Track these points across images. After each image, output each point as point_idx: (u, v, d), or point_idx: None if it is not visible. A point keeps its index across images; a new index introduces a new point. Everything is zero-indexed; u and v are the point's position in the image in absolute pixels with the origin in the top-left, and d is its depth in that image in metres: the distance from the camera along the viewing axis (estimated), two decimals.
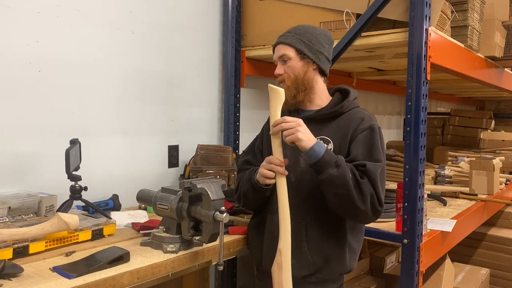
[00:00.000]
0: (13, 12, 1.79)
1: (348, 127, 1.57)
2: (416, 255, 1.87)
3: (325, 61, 1.62)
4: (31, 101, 1.86)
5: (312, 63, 1.59)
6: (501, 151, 3.95)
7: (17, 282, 1.18)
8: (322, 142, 1.54)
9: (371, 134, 1.54)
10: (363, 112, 1.62)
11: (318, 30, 1.63)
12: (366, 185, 1.45)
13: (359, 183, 1.44)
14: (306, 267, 1.57)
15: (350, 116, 1.59)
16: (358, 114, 1.59)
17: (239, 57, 2.69)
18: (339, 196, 1.46)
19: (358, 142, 1.53)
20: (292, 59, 1.59)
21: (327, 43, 1.62)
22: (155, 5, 2.33)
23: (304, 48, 1.58)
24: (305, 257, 1.56)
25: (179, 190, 1.50)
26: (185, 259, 1.47)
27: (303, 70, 1.59)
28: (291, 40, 1.59)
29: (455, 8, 2.37)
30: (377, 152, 1.51)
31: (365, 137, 1.53)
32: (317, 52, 1.59)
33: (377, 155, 1.51)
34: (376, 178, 1.46)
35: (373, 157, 1.50)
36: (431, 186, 3.05)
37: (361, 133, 1.54)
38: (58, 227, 1.41)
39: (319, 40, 1.60)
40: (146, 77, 2.31)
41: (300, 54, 1.58)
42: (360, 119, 1.57)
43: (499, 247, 3.43)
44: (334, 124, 1.59)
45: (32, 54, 1.85)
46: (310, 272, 1.57)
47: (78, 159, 1.74)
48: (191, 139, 2.54)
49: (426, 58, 1.87)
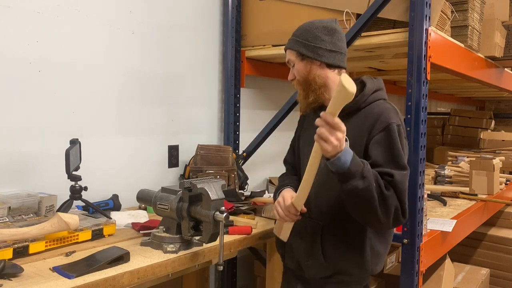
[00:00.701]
0: (13, 12, 1.79)
1: (365, 125, 1.47)
2: (416, 255, 1.87)
3: (327, 54, 1.52)
4: (31, 101, 1.86)
5: (314, 60, 1.53)
6: (501, 151, 3.95)
7: (17, 282, 1.18)
8: None
9: (389, 135, 1.43)
10: (382, 106, 1.50)
11: (317, 24, 1.54)
12: (391, 198, 1.36)
13: (385, 196, 1.35)
14: (322, 269, 1.53)
15: (368, 111, 1.50)
16: (377, 109, 1.49)
17: (239, 57, 2.69)
18: (361, 208, 1.39)
19: (377, 145, 1.44)
20: (296, 62, 1.56)
21: (327, 35, 1.52)
22: (155, 5, 2.33)
23: (301, 49, 1.54)
24: (319, 259, 1.53)
25: (179, 190, 1.50)
26: (185, 259, 1.47)
27: (306, 70, 1.54)
28: (291, 44, 1.57)
29: (455, 8, 2.37)
30: (400, 157, 1.41)
31: (383, 139, 1.43)
32: (315, 48, 1.52)
33: (401, 161, 1.41)
34: (403, 190, 1.38)
35: (398, 164, 1.40)
36: (431, 186, 3.05)
37: (378, 133, 1.44)
38: (58, 227, 1.41)
39: (316, 34, 1.52)
40: (146, 77, 2.31)
41: (300, 55, 1.54)
42: (377, 115, 1.46)
43: (499, 247, 3.43)
44: (352, 120, 1.50)
45: (32, 54, 1.85)
46: (327, 274, 1.53)
47: (78, 159, 1.74)
48: (191, 139, 2.54)
49: (426, 58, 1.87)
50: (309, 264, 1.56)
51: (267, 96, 3.08)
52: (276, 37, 2.53)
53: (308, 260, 1.56)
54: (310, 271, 1.57)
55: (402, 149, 1.44)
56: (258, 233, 1.80)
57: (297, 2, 2.41)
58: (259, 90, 3.01)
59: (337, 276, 1.53)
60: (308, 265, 1.57)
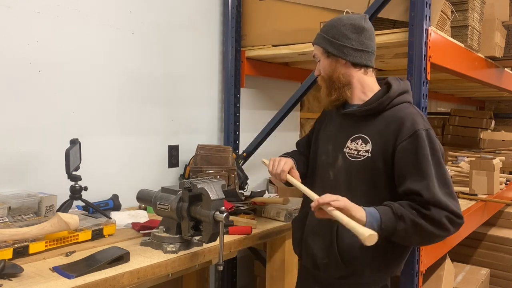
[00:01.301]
0: (13, 12, 1.79)
1: (389, 128, 1.42)
2: (416, 255, 1.87)
3: (354, 53, 1.48)
4: (31, 101, 1.86)
5: (339, 58, 1.49)
6: (501, 151, 3.95)
7: (17, 282, 1.18)
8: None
9: (417, 143, 1.37)
10: (406, 110, 1.44)
11: (345, 21, 1.49)
12: (435, 213, 1.31)
13: (427, 216, 1.31)
14: (338, 269, 1.48)
15: (392, 114, 1.44)
16: (400, 113, 1.43)
17: (239, 57, 2.69)
18: (420, 239, 1.38)
19: (403, 154, 1.38)
20: (322, 58, 1.53)
21: (354, 32, 1.47)
22: (155, 5, 2.33)
23: (327, 46, 1.50)
24: (335, 259, 1.47)
25: (179, 190, 1.50)
26: (185, 259, 1.47)
27: (331, 68, 1.50)
28: (317, 39, 1.54)
29: (455, 8, 2.37)
30: (427, 165, 1.35)
31: (410, 147, 1.37)
32: (341, 47, 1.47)
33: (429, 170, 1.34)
34: (438, 198, 1.31)
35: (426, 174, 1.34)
36: None
37: (404, 141, 1.38)
38: (58, 227, 1.41)
39: (343, 32, 1.48)
40: (146, 77, 2.31)
41: (326, 52, 1.51)
42: (400, 120, 1.41)
43: (499, 247, 3.43)
44: (376, 122, 1.45)
45: (32, 54, 1.85)
46: (343, 274, 1.48)
47: (78, 159, 1.74)
48: (191, 139, 2.54)
49: (426, 58, 1.87)
50: (326, 263, 1.50)
51: (267, 96, 3.08)
52: (276, 37, 2.53)
53: (325, 258, 1.50)
54: (326, 271, 1.52)
55: (435, 153, 1.38)
56: (258, 233, 1.80)
57: (297, 2, 2.41)
58: (259, 90, 3.01)
59: (353, 278, 1.48)
60: (324, 263, 1.51)
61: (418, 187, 1.33)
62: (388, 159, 1.41)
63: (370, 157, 1.43)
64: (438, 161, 1.37)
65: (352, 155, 1.47)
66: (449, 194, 1.35)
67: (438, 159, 1.37)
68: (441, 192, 1.33)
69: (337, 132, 1.56)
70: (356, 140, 1.47)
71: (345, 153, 1.48)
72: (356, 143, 1.47)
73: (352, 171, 1.46)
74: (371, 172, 1.43)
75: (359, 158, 1.45)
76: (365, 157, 1.44)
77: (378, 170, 1.42)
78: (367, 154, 1.44)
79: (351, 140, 1.49)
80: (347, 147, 1.49)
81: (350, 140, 1.49)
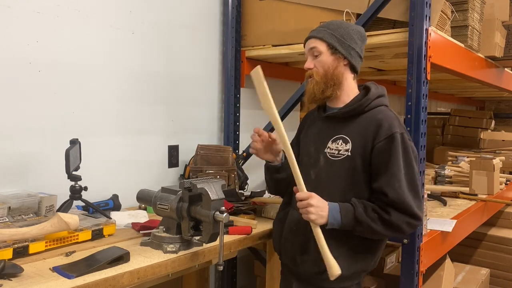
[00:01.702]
0: (13, 12, 1.79)
1: (367, 129, 1.52)
2: (416, 255, 1.87)
3: (356, 57, 1.59)
4: (31, 101, 1.86)
5: (343, 58, 1.56)
6: (501, 151, 3.95)
7: (17, 282, 1.18)
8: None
9: (391, 145, 1.47)
10: (384, 113, 1.54)
11: (352, 26, 1.60)
12: (395, 218, 1.44)
13: (387, 221, 1.44)
14: (315, 265, 1.55)
15: (371, 116, 1.54)
16: (379, 115, 1.53)
17: (239, 57, 2.69)
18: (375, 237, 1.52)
19: (378, 154, 1.49)
20: (323, 53, 1.57)
21: (359, 40, 1.59)
22: (155, 5, 2.33)
23: (335, 43, 1.55)
24: (312, 254, 1.55)
25: (179, 190, 1.50)
26: (185, 259, 1.47)
27: (333, 65, 1.56)
28: (323, 34, 1.57)
29: (455, 8, 2.37)
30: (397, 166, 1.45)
31: (384, 148, 1.48)
32: (349, 48, 1.56)
33: (397, 171, 1.45)
34: (402, 201, 1.43)
35: (395, 175, 1.45)
36: (431, 186, 3.05)
37: (380, 142, 1.48)
38: (58, 227, 1.41)
39: (352, 35, 1.57)
40: (146, 77, 2.31)
41: (332, 48, 1.56)
42: (379, 122, 1.51)
43: (499, 247, 3.43)
44: (355, 123, 1.55)
45: (32, 54, 1.85)
46: (320, 269, 1.53)
47: (78, 159, 1.74)
48: (191, 139, 2.54)
49: (426, 58, 1.87)
50: (304, 258, 1.58)
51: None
52: (276, 37, 2.53)
53: (303, 255, 1.58)
54: (304, 266, 1.59)
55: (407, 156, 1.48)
56: (258, 233, 1.80)
57: (297, 2, 2.41)
58: None
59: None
60: (303, 259, 1.59)
61: (385, 187, 1.45)
62: (366, 157, 1.51)
63: (350, 155, 1.52)
64: (409, 163, 1.48)
65: (333, 154, 1.56)
66: (414, 195, 1.46)
67: (410, 161, 1.48)
68: (407, 193, 1.44)
69: (318, 134, 1.64)
70: (337, 141, 1.56)
71: (326, 153, 1.57)
72: (337, 143, 1.56)
73: (333, 169, 1.54)
74: (351, 170, 1.52)
75: (339, 157, 1.54)
76: (345, 156, 1.53)
77: (357, 168, 1.51)
78: (347, 153, 1.53)
79: (332, 140, 1.58)
80: (328, 147, 1.58)
81: (331, 141, 1.58)
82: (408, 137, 1.52)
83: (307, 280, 1.62)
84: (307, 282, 1.62)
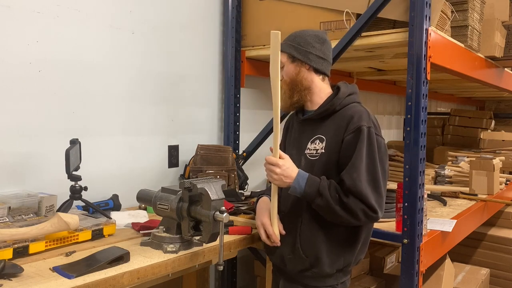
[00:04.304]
0: (13, 12, 1.79)
1: (340, 125, 1.59)
2: (416, 255, 1.87)
3: (317, 59, 1.65)
4: (31, 101, 1.86)
5: (304, 63, 1.65)
6: (501, 151, 3.95)
7: (17, 282, 1.18)
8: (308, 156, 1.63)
9: (357, 137, 1.53)
10: (355, 109, 1.60)
11: (309, 32, 1.68)
12: (352, 203, 1.48)
13: (345, 204, 1.49)
14: (300, 262, 1.61)
15: (343, 113, 1.61)
16: (350, 111, 1.60)
17: (239, 57, 2.69)
18: (331, 217, 1.55)
19: (345, 146, 1.55)
20: (286, 64, 1.67)
21: (318, 42, 1.66)
22: (155, 5, 2.33)
23: (293, 51, 1.65)
24: (298, 252, 1.61)
25: (179, 190, 1.50)
26: (185, 259, 1.47)
27: (295, 71, 1.66)
28: (283, 47, 1.65)
29: (455, 8, 2.37)
30: (360, 159, 1.50)
31: (351, 140, 1.54)
32: (306, 53, 1.64)
33: (358, 162, 1.50)
34: (360, 191, 1.48)
35: (355, 166, 1.50)
36: (431, 186, 3.05)
37: (349, 135, 1.55)
38: (58, 227, 1.41)
39: (308, 41, 1.65)
40: (146, 77, 2.31)
41: (291, 57, 1.66)
42: (350, 116, 1.57)
43: (499, 247, 3.43)
44: (329, 122, 1.63)
45: (32, 54, 1.85)
46: (304, 267, 1.61)
47: (78, 159, 1.74)
48: (191, 139, 2.54)
49: (426, 58, 1.87)
50: (291, 258, 1.63)
51: (267, 96, 3.08)
52: None
53: (290, 254, 1.63)
54: (290, 265, 1.64)
55: (370, 149, 1.53)
56: (258, 233, 1.80)
57: (297, 2, 2.41)
58: (259, 90, 3.01)
59: (312, 270, 1.60)
60: (290, 259, 1.64)
61: (344, 175, 1.51)
62: (338, 151, 1.58)
63: (324, 152, 1.60)
64: (372, 157, 1.52)
65: (312, 154, 1.63)
66: (374, 188, 1.51)
67: (373, 154, 1.53)
68: (366, 185, 1.49)
69: (299, 137, 1.72)
70: (315, 141, 1.64)
71: (306, 154, 1.65)
72: (315, 143, 1.64)
73: (313, 168, 1.60)
74: (326, 165, 1.59)
75: (317, 156, 1.61)
76: (321, 153, 1.61)
77: (331, 163, 1.58)
78: (322, 151, 1.61)
79: (310, 142, 1.65)
80: (307, 149, 1.65)
81: (310, 142, 1.65)
82: (376, 132, 1.56)
83: (293, 279, 1.66)
84: (293, 280, 1.67)
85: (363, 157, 1.51)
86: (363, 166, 1.50)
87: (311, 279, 1.62)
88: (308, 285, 1.63)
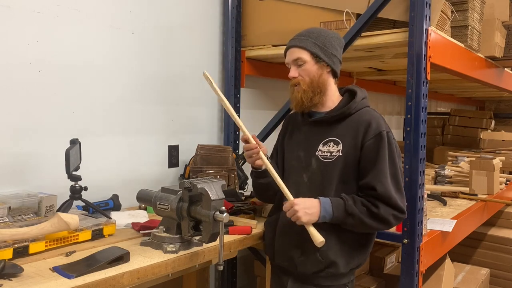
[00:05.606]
0: (13, 12, 1.79)
1: (357, 130, 1.60)
2: (416, 255, 1.87)
3: (338, 63, 1.67)
4: (31, 101, 1.86)
5: (327, 66, 1.63)
6: (501, 151, 3.95)
7: (17, 282, 1.18)
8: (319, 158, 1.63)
9: (379, 143, 1.56)
10: (371, 114, 1.63)
11: (331, 34, 1.67)
12: (383, 211, 1.52)
13: (375, 214, 1.52)
14: (315, 265, 1.61)
15: (358, 117, 1.62)
16: (366, 116, 1.62)
17: (239, 57, 2.69)
18: (364, 230, 1.59)
19: (366, 152, 1.57)
20: (307, 62, 1.62)
21: (339, 46, 1.67)
22: (155, 5, 2.33)
23: (319, 52, 1.61)
24: (314, 255, 1.60)
25: (179, 190, 1.50)
26: (185, 259, 1.47)
27: (318, 73, 1.62)
28: (305, 43, 1.61)
29: (455, 8, 2.37)
30: (384, 164, 1.54)
31: (372, 146, 1.57)
32: (331, 56, 1.63)
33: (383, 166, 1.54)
34: (389, 195, 1.51)
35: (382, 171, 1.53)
36: (431, 186, 3.05)
37: (369, 140, 1.57)
38: (58, 227, 1.41)
39: (333, 43, 1.64)
40: (146, 77, 2.31)
41: (316, 57, 1.62)
42: (368, 122, 1.59)
43: (499, 247, 3.43)
44: (343, 125, 1.63)
45: (32, 54, 1.85)
46: (319, 268, 1.60)
47: (78, 159, 1.74)
48: (191, 139, 2.54)
49: (426, 58, 1.87)
50: (303, 260, 1.62)
51: (267, 96, 3.08)
52: (276, 37, 2.53)
53: (301, 256, 1.62)
54: (303, 267, 1.63)
55: (391, 154, 1.57)
56: (258, 233, 1.80)
57: (297, 2, 2.40)
58: (259, 90, 3.01)
59: (327, 270, 1.60)
60: (301, 261, 1.63)
61: (374, 182, 1.53)
62: (357, 156, 1.59)
63: (341, 156, 1.60)
64: (393, 160, 1.57)
65: (325, 156, 1.62)
66: (399, 190, 1.56)
67: (394, 158, 1.57)
68: (393, 188, 1.53)
69: (306, 138, 1.70)
70: (328, 143, 1.63)
71: (318, 156, 1.64)
72: (328, 145, 1.63)
73: (327, 170, 1.61)
74: (343, 169, 1.59)
75: (332, 158, 1.61)
76: (337, 156, 1.60)
77: (348, 167, 1.59)
78: (338, 154, 1.60)
79: (322, 143, 1.64)
80: (319, 151, 1.64)
81: (322, 144, 1.64)
82: (392, 136, 1.61)
83: (304, 279, 1.65)
84: (304, 281, 1.66)
85: (386, 162, 1.54)
86: (387, 171, 1.54)
87: (324, 279, 1.62)
88: (321, 285, 1.63)
